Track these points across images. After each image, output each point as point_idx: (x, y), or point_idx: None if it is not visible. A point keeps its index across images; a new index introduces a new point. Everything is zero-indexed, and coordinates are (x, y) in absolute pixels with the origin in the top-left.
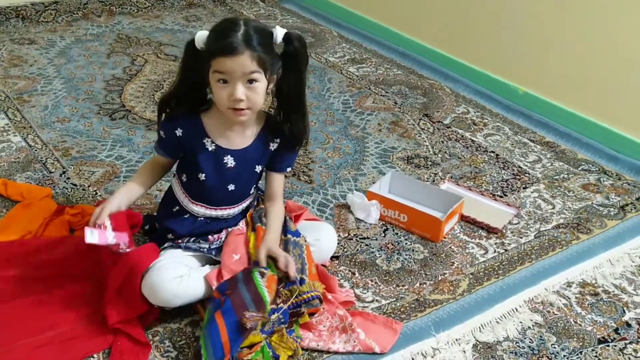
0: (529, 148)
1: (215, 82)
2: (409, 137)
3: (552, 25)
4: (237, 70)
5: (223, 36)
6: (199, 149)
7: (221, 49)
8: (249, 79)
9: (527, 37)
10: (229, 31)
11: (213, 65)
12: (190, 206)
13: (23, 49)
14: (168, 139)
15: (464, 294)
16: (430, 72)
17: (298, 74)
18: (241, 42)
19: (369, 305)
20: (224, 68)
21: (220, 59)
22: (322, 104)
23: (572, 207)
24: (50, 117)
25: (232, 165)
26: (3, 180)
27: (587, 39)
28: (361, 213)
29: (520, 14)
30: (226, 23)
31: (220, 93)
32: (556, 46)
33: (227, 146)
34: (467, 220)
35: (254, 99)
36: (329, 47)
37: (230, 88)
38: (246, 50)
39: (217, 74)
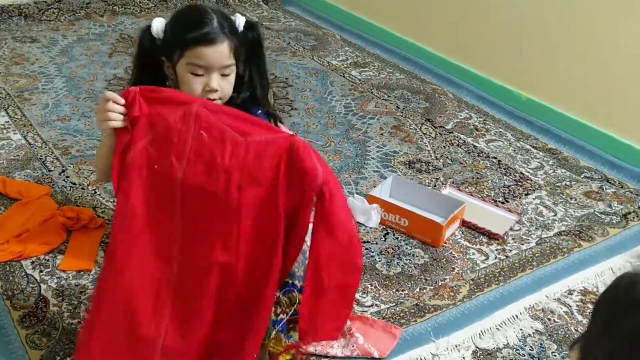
0: (531, 154)
1: (186, 73)
2: (411, 142)
3: (556, 32)
4: (216, 61)
5: (199, 25)
6: None
7: (199, 38)
8: (224, 70)
9: (530, 43)
10: (204, 19)
11: (188, 56)
12: None
13: (25, 47)
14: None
15: (464, 299)
16: (433, 77)
17: (261, 59)
18: (219, 31)
19: (368, 309)
20: (203, 59)
21: (199, 48)
22: (324, 106)
23: (574, 214)
24: (50, 115)
25: None
26: (2, 178)
27: (591, 46)
28: (362, 216)
29: (524, 20)
30: (195, 11)
31: (194, 84)
32: (560, 52)
33: None
34: (469, 225)
35: (226, 89)
36: (331, 51)
37: (205, 79)
38: (225, 39)
39: (192, 65)
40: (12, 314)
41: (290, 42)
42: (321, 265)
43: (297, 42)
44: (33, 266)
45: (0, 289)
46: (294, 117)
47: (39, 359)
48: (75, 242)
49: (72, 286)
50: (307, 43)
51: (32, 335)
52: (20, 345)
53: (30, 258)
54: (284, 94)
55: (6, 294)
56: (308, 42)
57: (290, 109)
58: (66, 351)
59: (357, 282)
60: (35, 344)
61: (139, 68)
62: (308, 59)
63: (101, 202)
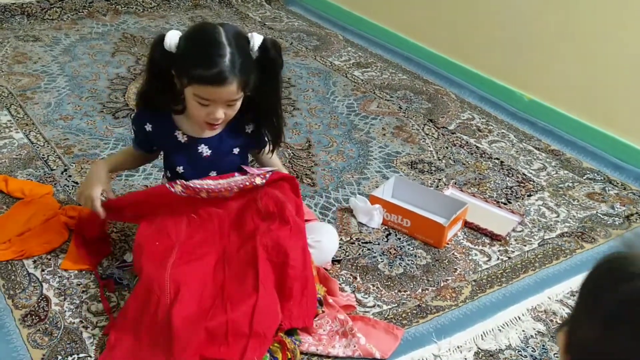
0: (534, 155)
1: (192, 100)
2: (413, 142)
3: (559, 32)
4: (222, 98)
5: (209, 63)
6: (170, 142)
7: (208, 79)
8: (230, 102)
9: (533, 44)
10: (214, 57)
11: (194, 89)
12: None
13: (27, 46)
14: (138, 133)
15: (466, 300)
16: (436, 77)
17: (275, 80)
18: (229, 71)
19: (370, 310)
20: (210, 97)
21: (206, 87)
22: (326, 107)
23: (576, 215)
24: (53, 114)
25: (209, 154)
26: (4, 177)
27: (594, 47)
28: (364, 217)
29: (526, 21)
30: (209, 41)
31: (197, 110)
32: (562, 53)
33: (199, 135)
34: (471, 226)
35: (231, 114)
36: (334, 51)
37: (210, 109)
38: (234, 79)
39: (198, 97)
40: (13, 313)
41: (292, 42)
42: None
43: (300, 42)
44: (35, 265)
45: (2, 287)
46: (297, 117)
47: (40, 359)
48: (77, 242)
49: (74, 285)
50: (309, 43)
51: (33, 335)
52: (22, 344)
53: (32, 257)
54: (286, 94)
55: (8, 293)
56: (310, 42)
57: (292, 109)
58: (67, 351)
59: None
60: (37, 343)
61: (150, 76)
62: (310, 59)
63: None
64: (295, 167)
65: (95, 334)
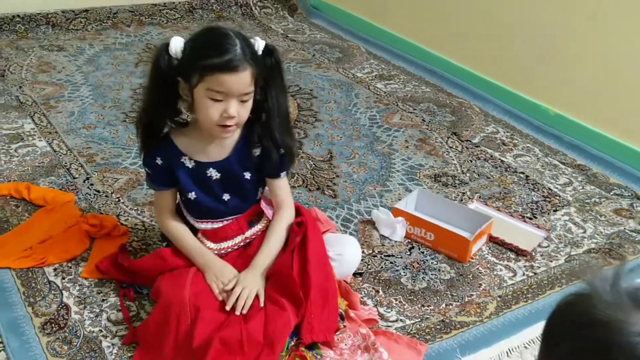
0: (560, 170)
1: (204, 98)
2: (437, 155)
3: (585, 46)
4: (236, 88)
5: (221, 50)
6: (179, 169)
7: (222, 65)
8: (243, 97)
9: (559, 58)
10: (226, 45)
11: (208, 82)
12: (197, 224)
13: (52, 56)
14: (155, 172)
15: (491, 316)
16: (460, 90)
17: (280, 85)
18: (242, 58)
19: (392, 324)
20: (224, 86)
21: (220, 75)
22: (349, 118)
23: (603, 231)
24: (76, 123)
25: (218, 177)
26: (26, 184)
27: (621, 61)
28: (386, 230)
29: (552, 34)
30: (217, 35)
31: (210, 110)
32: (589, 67)
33: (206, 160)
34: (496, 241)
35: (243, 115)
36: (356, 63)
37: (223, 105)
38: (247, 66)
39: (212, 91)
40: (33, 321)
41: (315, 54)
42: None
43: (322, 54)
44: (55, 273)
45: (22, 295)
46: (318, 129)
47: None
48: (98, 250)
49: (94, 294)
50: (332, 55)
51: (53, 343)
52: (41, 352)
53: (53, 265)
54: (308, 106)
55: (28, 301)
56: (333, 54)
57: (314, 120)
58: (86, 359)
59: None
60: (56, 351)
61: (153, 87)
62: (333, 70)
63: (124, 210)
64: (316, 178)
65: (114, 343)
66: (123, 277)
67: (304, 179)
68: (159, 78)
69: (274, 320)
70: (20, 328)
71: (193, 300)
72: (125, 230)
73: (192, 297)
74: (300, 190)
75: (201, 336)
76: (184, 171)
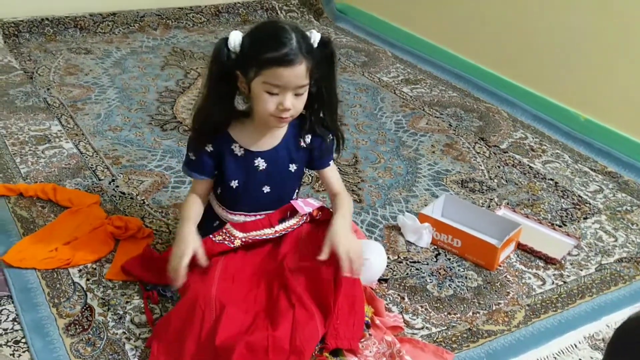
0: (590, 177)
1: (261, 91)
2: (464, 161)
3: (616, 50)
4: (292, 82)
5: (278, 44)
6: (228, 157)
7: (279, 59)
8: (298, 90)
9: (589, 62)
10: (282, 39)
11: (265, 76)
12: (230, 217)
13: (79, 59)
14: (201, 159)
15: (519, 325)
16: (487, 95)
17: (332, 76)
18: (297, 52)
19: (418, 332)
20: (280, 80)
21: (277, 69)
22: (374, 123)
23: (635, 240)
24: (102, 125)
25: (264, 168)
26: (53, 186)
27: None
28: (412, 236)
29: (582, 37)
30: (274, 29)
31: (267, 102)
32: (620, 72)
33: (256, 149)
34: (524, 249)
35: (298, 107)
36: (382, 67)
37: (279, 98)
38: (303, 60)
39: (268, 85)
40: (57, 322)
41: (340, 58)
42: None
43: (348, 58)
44: (80, 274)
45: (47, 296)
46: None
47: None
48: (122, 252)
49: (118, 296)
50: (357, 59)
51: (76, 344)
52: (65, 353)
53: (78, 266)
54: None
55: (52, 302)
56: (359, 59)
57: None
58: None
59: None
60: (80, 353)
61: (213, 80)
62: (358, 75)
63: (149, 212)
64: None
65: (137, 345)
66: (149, 277)
67: None
68: (218, 72)
69: (301, 327)
70: (44, 329)
71: (219, 296)
72: (150, 232)
73: (219, 294)
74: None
75: (225, 334)
76: (232, 158)
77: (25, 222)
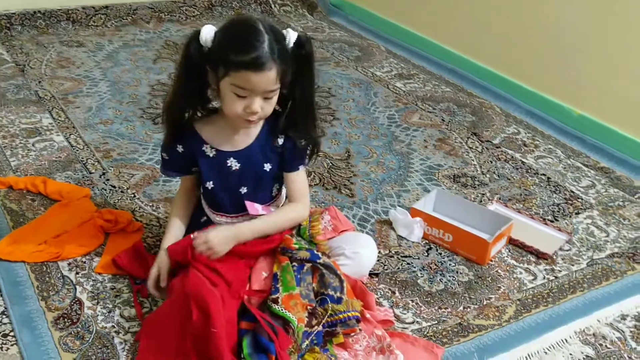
0: (583, 172)
1: (229, 92)
2: (456, 156)
3: (610, 45)
4: (261, 87)
5: (248, 47)
6: (200, 158)
7: (248, 63)
8: (268, 94)
9: (583, 57)
10: (253, 41)
11: (233, 78)
12: (213, 216)
13: (71, 51)
14: (172, 158)
15: (510, 320)
16: (480, 90)
17: (309, 78)
18: (268, 57)
19: (409, 326)
20: (248, 84)
21: (245, 73)
22: (367, 117)
23: (627, 236)
24: (93, 118)
25: (237, 167)
26: (43, 179)
27: None
28: (404, 230)
29: (575, 33)
30: (246, 29)
31: (234, 104)
32: (613, 67)
33: (228, 149)
34: (516, 243)
35: (267, 110)
36: (375, 62)
37: (247, 101)
38: (273, 65)
39: (236, 87)
40: (46, 315)
41: (334, 53)
42: None
43: (341, 53)
44: (69, 268)
45: (35, 289)
46: (336, 127)
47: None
48: (112, 245)
49: (108, 289)
50: (351, 54)
51: (65, 338)
52: (53, 347)
53: (67, 259)
54: (326, 104)
55: (41, 295)
56: (352, 53)
57: (332, 119)
58: (98, 355)
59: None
60: (68, 346)
61: (183, 74)
62: (352, 69)
63: (140, 206)
64: (333, 177)
65: (127, 339)
66: (139, 271)
67: (320, 177)
68: (188, 65)
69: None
70: (33, 322)
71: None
72: (140, 226)
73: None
74: (317, 189)
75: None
76: (205, 160)
77: (14, 215)
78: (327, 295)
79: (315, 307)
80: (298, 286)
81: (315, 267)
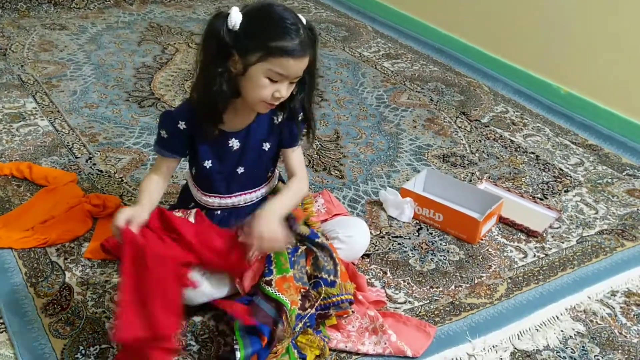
0: (571, 150)
1: (262, 77)
2: (445, 135)
3: (596, 23)
4: (296, 72)
5: (291, 34)
6: (201, 137)
7: (291, 50)
8: (295, 79)
9: (570, 35)
10: (294, 28)
11: (270, 64)
12: (204, 199)
13: (54, 34)
14: (172, 136)
15: (501, 298)
16: (468, 69)
17: (314, 60)
18: (307, 44)
19: (401, 306)
20: (286, 70)
21: (286, 59)
22: (355, 98)
23: (616, 212)
24: (78, 102)
25: (237, 147)
26: (28, 164)
27: (634, 39)
28: (394, 211)
29: (563, 10)
30: (283, 15)
31: (264, 89)
32: (601, 45)
33: (230, 129)
34: (506, 222)
35: (288, 95)
36: (363, 42)
37: (277, 86)
38: (309, 51)
39: (272, 72)
40: (35, 302)
41: (321, 33)
42: None
43: (328, 33)
44: (58, 253)
45: (24, 275)
46: (325, 109)
47: (61, 348)
48: (100, 230)
49: (97, 274)
50: (338, 34)
51: (55, 324)
52: (43, 333)
53: (55, 245)
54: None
55: (30, 281)
56: (339, 33)
57: (320, 100)
58: (89, 341)
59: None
60: (59, 332)
61: (208, 58)
62: (339, 50)
63: (128, 190)
64: (323, 158)
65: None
66: None
67: (310, 159)
68: (212, 49)
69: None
70: (22, 309)
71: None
72: None
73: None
74: (306, 170)
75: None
76: (206, 140)
77: (0, 202)
78: (320, 278)
79: (308, 290)
80: (292, 269)
81: (309, 250)
